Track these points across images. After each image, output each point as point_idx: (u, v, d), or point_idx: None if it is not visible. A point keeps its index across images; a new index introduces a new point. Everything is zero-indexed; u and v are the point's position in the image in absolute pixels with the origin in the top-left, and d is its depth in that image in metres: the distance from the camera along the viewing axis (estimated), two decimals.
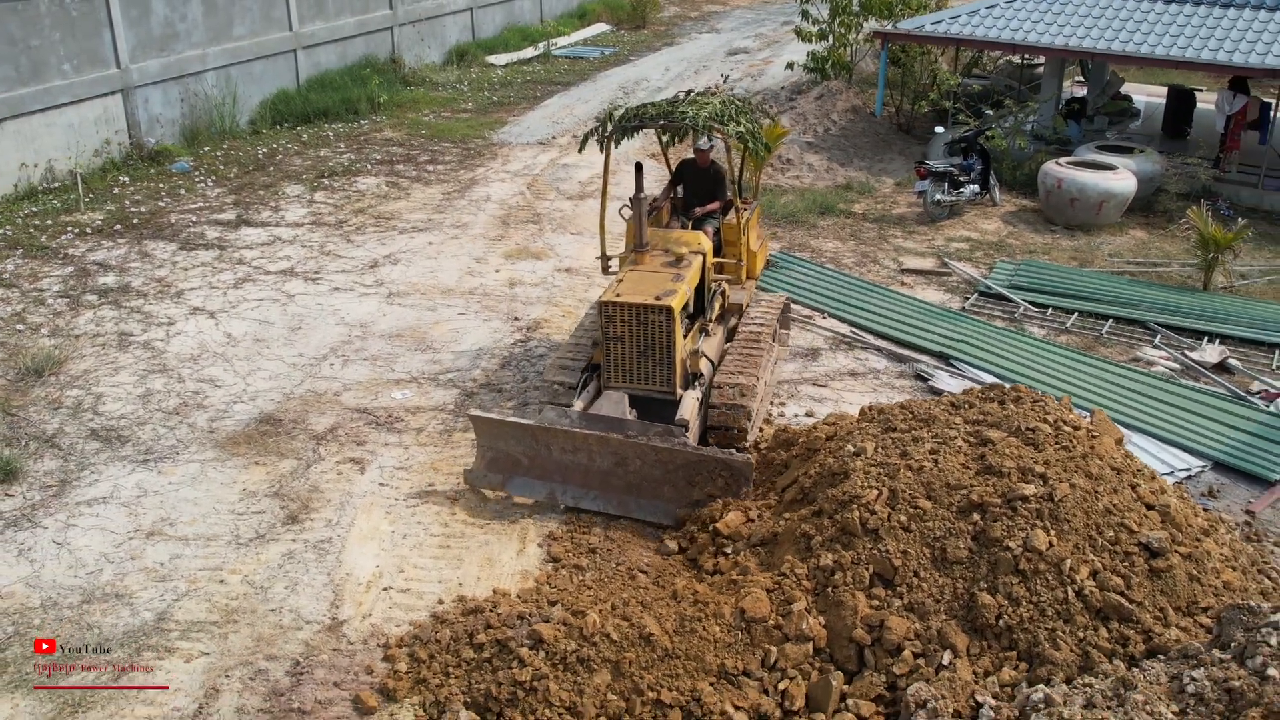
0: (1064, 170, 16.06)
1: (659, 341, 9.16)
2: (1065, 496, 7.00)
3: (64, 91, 17.28)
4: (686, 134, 10.31)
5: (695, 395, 9.37)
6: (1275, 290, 13.87)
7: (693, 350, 9.57)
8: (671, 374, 9.27)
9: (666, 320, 9.09)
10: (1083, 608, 6.59)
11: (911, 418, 8.20)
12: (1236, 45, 16.60)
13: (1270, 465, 9.74)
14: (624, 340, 9.25)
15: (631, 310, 9.14)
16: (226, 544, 8.67)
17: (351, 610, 7.88)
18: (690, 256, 9.93)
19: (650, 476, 8.72)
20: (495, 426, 9.12)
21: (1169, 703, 5.73)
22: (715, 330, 10.38)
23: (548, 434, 8.92)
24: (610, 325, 9.24)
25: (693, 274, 9.71)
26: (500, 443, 9.12)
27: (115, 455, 9.91)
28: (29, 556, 8.51)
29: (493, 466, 9.17)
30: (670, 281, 9.44)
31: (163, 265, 14.22)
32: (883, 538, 7.09)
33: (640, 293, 9.26)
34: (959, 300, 13.48)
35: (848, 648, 6.79)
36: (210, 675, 7.28)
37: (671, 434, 8.73)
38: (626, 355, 9.31)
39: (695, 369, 9.54)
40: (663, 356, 9.22)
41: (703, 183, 11.13)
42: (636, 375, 9.36)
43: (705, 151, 10.84)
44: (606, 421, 8.92)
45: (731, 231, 10.81)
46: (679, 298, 9.21)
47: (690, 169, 11.24)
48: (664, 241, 10.17)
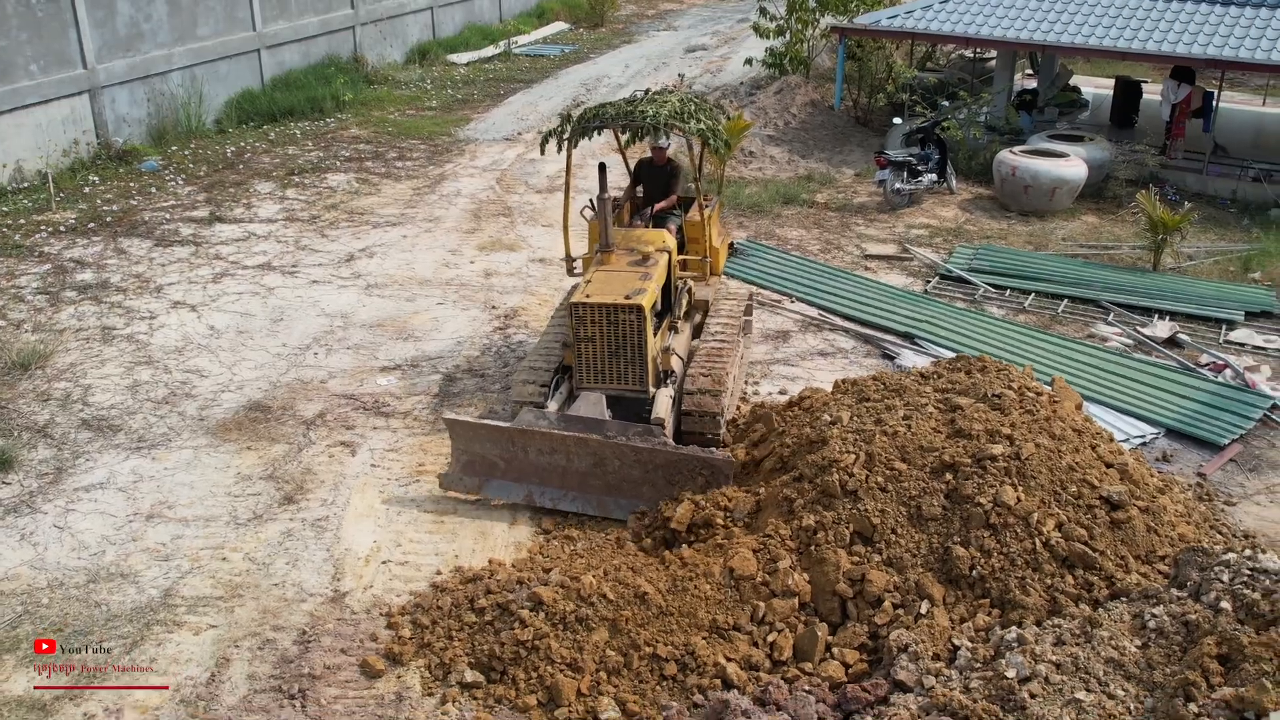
0: (1018, 158, 16.63)
1: (630, 341, 9.19)
2: (1031, 455, 7.46)
3: (31, 92, 17.34)
4: (647, 133, 10.27)
5: (668, 393, 9.42)
6: (1221, 269, 14.51)
7: (663, 348, 9.65)
8: (644, 373, 9.30)
9: (637, 319, 9.12)
10: (1050, 557, 7.04)
11: (884, 388, 8.63)
12: (1180, 36, 17.26)
13: (1219, 431, 10.29)
14: (595, 341, 9.25)
15: (602, 310, 9.15)
16: (225, 524, 8.93)
17: (353, 583, 8.18)
18: (656, 255, 9.96)
19: (629, 477, 8.73)
20: (470, 430, 9.10)
21: (1132, 638, 6.19)
22: (683, 327, 10.44)
23: (524, 436, 8.90)
24: (581, 326, 9.24)
25: (660, 272, 9.74)
26: (476, 446, 9.09)
27: (109, 444, 10.12)
28: (31, 540, 8.73)
29: (468, 470, 9.15)
30: (638, 280, 9.46)
31: (139, 262, 14.38)
32: (861, 498, 7.51)
33: (610, 292, 9.27)
34: (921, 283, 13.97)
35: (831, 601, 7.20)
36: (220, 646, 7.55)
37: (651, 434, 8.74)
38: (598, 355, 9.32)
39: (666, 367, 9.61)
40: (634, 356, 9.24)
41: (660, 180, 11.20)
42: (609, 375, 9.37)
43: (662, 149, 10.91)
44: (584, 422, 8.92)
45: (694, 229, 10.85)
46: (649, 296, 9.25)
47: (648, 167, 11.31)
48: (629, 241, 10.20)
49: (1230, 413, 10.58)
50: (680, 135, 10.58)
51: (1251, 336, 12.38)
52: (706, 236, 10.74)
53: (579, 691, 6.91)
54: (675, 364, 9.73)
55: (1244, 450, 10.10)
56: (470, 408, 10.40)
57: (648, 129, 10.14)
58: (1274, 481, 9.62)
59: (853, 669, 6.86)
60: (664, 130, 10.08)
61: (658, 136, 10.44)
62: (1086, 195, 16.99)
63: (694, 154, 10.77)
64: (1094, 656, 6.09)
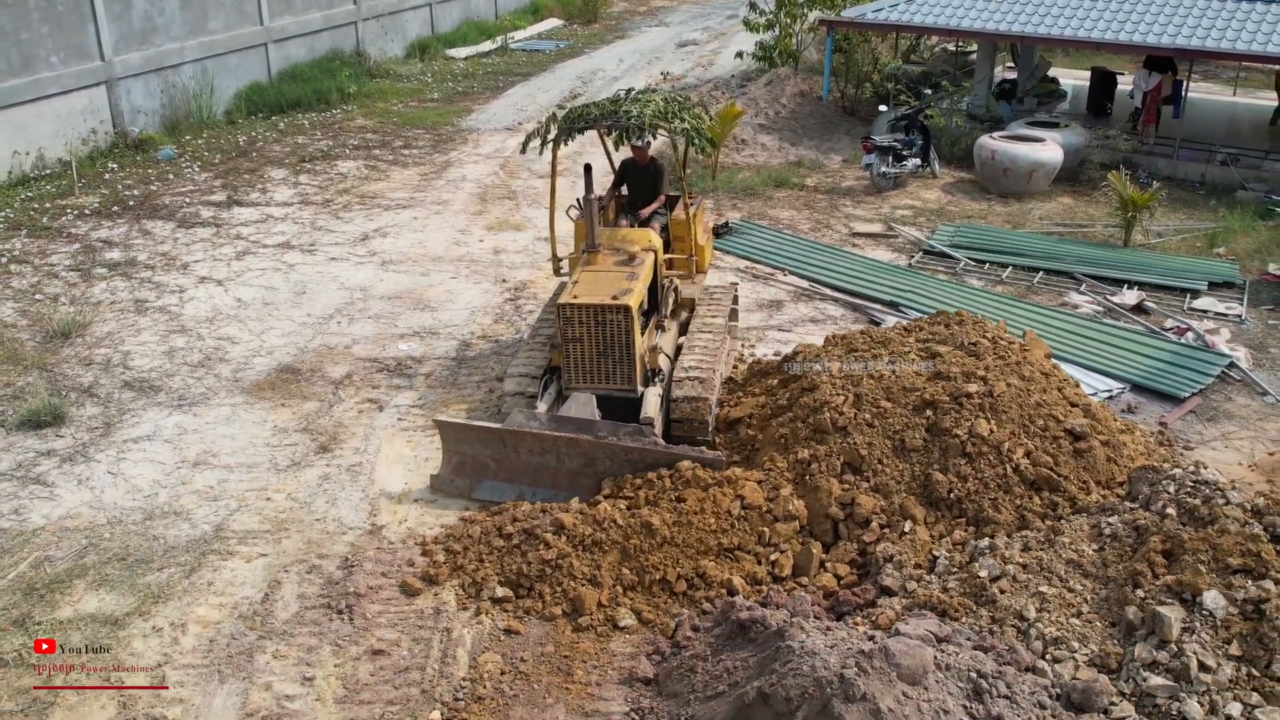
0: (997, 143, 17.49)
1: (618, 340, 9.24)
2: (1002, 393, 8.30)
3: (53, 83, 18.05)
4: (632, 132, 10.39)
5: (657, 392, 9.49)
6: (1187, 245, 15.38)
7: (651, 347, 9.75)
8: (632, 372, 9.37)
9: (625, 319, 9.18)
10: (1019, 481, 7.88)
11: (870, 340, 9.47)
12: (1150, 28, 18.13)
13: (1180, 385, 11.14)
14: (583, 341, 9.29)
15: (590, 311, 9.20)
16: (267, 470, 9.72)
17: (388, 518, 8.97)
18: (643, 254, 10.01)
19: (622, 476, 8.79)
20: (461, 431, 9.18)
21: (1090, 543, 7.03)
22: (670, 326, 10.52)
23: (515, 437, 8.94)
24: (569, 327, 9.29)
25: (646, 271, 9.80)
26: (466, 447, 9.14)
27: (151, 402, 10.89)
28: (88, 485, 9.50)
29: (459, 471, 9.18)
30: (625, 280, 9.52)
31: (164, 241, 15.13)
32: (850, 433, 8.34)
33: (597, 293, 9.32)
34: (906, 258, 14.81)
35: (825, 523, 8.02)
36: (270, 571, 8.34)
37: (642, 433, 8.84)
38: (586, 355, 9.36)
39: (654, 365, 9.71)
40: (623, 355, 9.30)
41: (644, 179, 11.27)
42: (597, 375, 9.42)
43: (643, 148, 10.95)
44: (575, 423, 8.97)
45: (680, 227, 10.93)
46: (636, 296, 9.31)
47: (631, 167, 11.36)
48: (615, 240, 10.25)
49: (1191, 370, 11.44)
50: (665, 134, 10.65)
51: (1214, 304, 13.25)
52: (692, 235, 10.87)
53: (599, 603, 7.72)
54: (663, 362, 9.87)
55: (1203, 403, 10.95)
56: (459, 408, 10.57)
57: (632, 129, 10.24)
58: (1229, 429, 10.47)
59: (844, 580, 7.68)
60: (649, 130, 10.17)
61: (641, 136, 10.52)
62: (1063, 179, 17.85)
63: (679, 152, 10.98)
64: (1056, 558, 6.93)
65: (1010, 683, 5.83)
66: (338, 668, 7.34)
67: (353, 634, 7.66)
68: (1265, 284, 13.89)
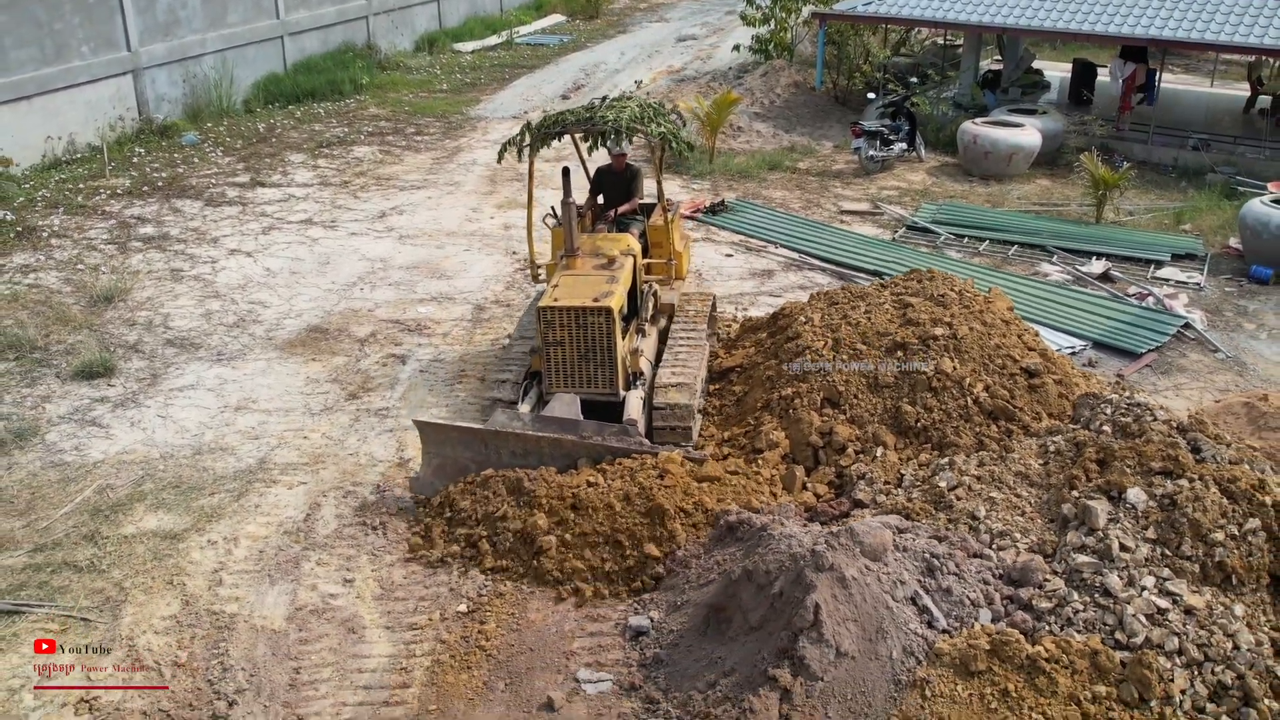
0: (979, 128, 18.48)
1: (600, 343, 9.21)
2: (965, 335, 9.27)
3: (83, 71, 19.03)
4: (609, 137, 10.31)
5: (639, 395, 9.49)
6: (1156, 222, 16.36)
7: (632, 350, 9.76)
8: (614, 375, 9.34)
9: (606, 321, 9.14)
10: (978, 411, 8.85)
11: (849, 295, 10.45)
12: (1125, 19, 19.11)
13: (1138, 342, 12.11)
14: (564, 344, 9.26)
15: (571, 314, 9.17)
16: (302, 414, 10.70)
17: (414, 453, 9.93)
18: (622, 258, 9.99)
19: None
20: (442, 432, 9.07)
21: (1036, 458, 8.01)
22: (650, 331, 10.51)
23: (498, 438, 8.86)
24: (550, 330, 9.24)
25: (626, 275, 9.78)
26: (447, 448, 9.02)
27: (193, 357, 11.87)
28: (140, 426, 10.48)
29: (439, 473, 9.06)
30: (606, 283, 9.49)
31: (194, 218, 16.11)
32: (829, 373, 9.30)
33: (577, 295, 9.30)
34: (890, 233, 15.80)
35: (806, 450, 8.98)
36: (310, 496, 9.32)
37: (627, 433, 8.83)
38: (567, 359, 9.33)
39: (636, 369, 9.69)
40: (604, 358, 9.27)
41: (620, 186, 11.31)
42: (578, 378, 9.39)
43: (621, 156, 11.04)
44: (559, 423, 8.95)
45: (657, 233, 10.99)
46: (617, 298, 9.27)
47: (608, 174, 11.40)
48: (593, 245, 10.25)
49: (1149, 329, 12.42)
50: (644, 138, 10.72)
51: (1175, 274, 14.22)
52: (669, 240, 10.95)
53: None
54: (645, 366, 9.86)
55: (1158, 358, 11.93)
56: (439, 410, 10.71)
57: (610, 133, 10.19)
58: (1181, 381, 11.44)
59: (823, 498, 8.65)
60: (626, 134, 10.17)
61: (619, 141, 10.53)
62: (1042, 162, 18.83)
63: (657, 158, 11.25)
64: (1006, 471, 7.91)
65: (959, 563, 6.82)
66: (374, 572, 8.32)
67: (386, 545, 8.63)
68: (1226, 256, 14.88)
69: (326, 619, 7.82)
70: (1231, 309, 13.23)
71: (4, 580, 8.19)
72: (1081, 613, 6.51)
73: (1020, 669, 6.20)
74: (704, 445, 9.48)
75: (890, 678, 6.26)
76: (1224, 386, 11.30)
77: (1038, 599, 6.65)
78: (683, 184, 17.94)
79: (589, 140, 10.73)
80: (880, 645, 6.30)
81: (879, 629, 6.35)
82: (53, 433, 10.33)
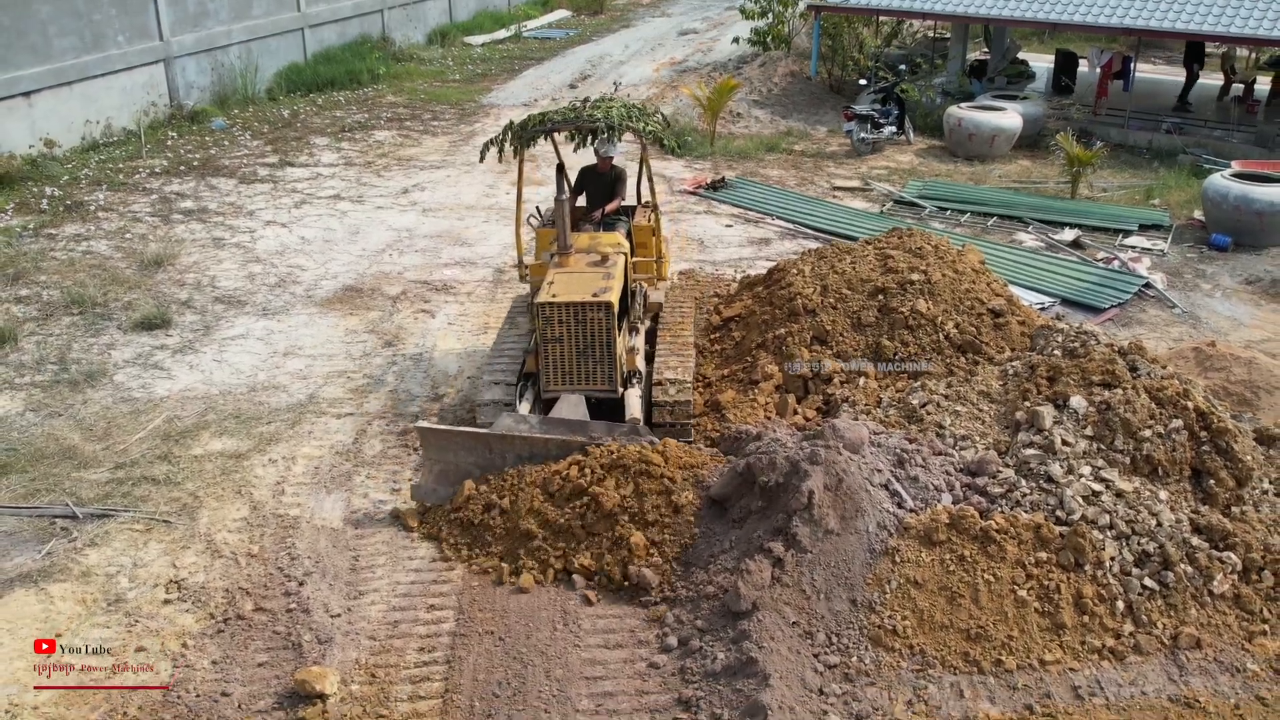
0: (964, 112, 19.67)
1: (599, 339, 9.09)
2: (938, 281, 10.44)
3: (119, 59, 20.20)
4: (598, 135, 10.32)
5: (637, 393, 9.46)
6: (1128, 198, 17.53)
7: (629, 348, 9.75)
8: (613, 371, 9.22)
9: (606, 316, 9.03)
10: (949, 345, 10.01)
11: (836, 250, 11.60)
12: (1102, 9, 20.29)
13: (1102, 299, 13.28)
14: (563, 341, 9.12)
15: (569, 309, 9.03)
16: (344, 359, 11.87)
17: (447, 389, 11.12)
18: (614, 256, 9.92)
19: None
20: (444, 438, 8.89)
21: (997, 380, 9.17)
22: (641, 329, 10.50)
23: (503, 442, 8.66)
24: (548, 326, 9.08)
25: (620, 272, 9.70)
26: (450, 454, 8.82)
27: (241, 312, 13.04)
28: (198, 369, 11.64)
29: (442, 479, 8.87)
30: (602, 279, 9.40)
31: (230, 194, 17.28)
32: (818, 314, 10.47)
33: (575, 291, 9.17)
34: (878, 207, 16.97)
35: (796, 382, 10.14)
36: (357, 424, 10.49)
37: (637, 433, 8.72)
38: (566, 356, 9.18)
39: (632, 367, 9.65)
40: (603, 354, 9.15)
41: (603, 187, 11.24)
42: (577, 376, 9.25)
43: (608, 158, 10.97)
44: (568, 424, 8.81)
45: (643, 233, 10.97)
46: (615, 294, 9.19)
47: (591, 174, 11.32)
48: (586, 242, 10.18)
49: (1113, 288, 13.59)
50: (632, 135, 10.73)
51: (1141, 241, 15.40)
52: (655, 240, 11.00)
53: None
54: (641, 364, 9.86)
55: (1121, 314, 13.09)
56: (437, 418, 10.72)
57: (599, 131, 10.18)
58: (1140, 332, 12.59)
59: (811, 421, 9.81)
60: (616, 131, 10.17)
61: (609, 141, 10.52)
62: (1024, 145, 20.02)
63: (645, 155, 10.98)
64: (970, 390, 9.08)
65: (926, 458, 7.99)
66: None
67: None
68: (1190, 227, 16.05)
69: (378, 520, 8.98)
70: (1191, 272, 14.40)
71: (92, 491, 9.35)
72: (1029, 496, 7.69)
73: (975, 539, 7.37)
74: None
75: (866, 547, 7.41)
76: (1178, 337, 12.46)
77: (991, 486, 7.82)
78: (685, 164, 19.10)
79: (574, 139, 10.97)
80: (858, 521, 7.46)
81: (858, 509, 7.51)
82: (120, 374, 11.49)
